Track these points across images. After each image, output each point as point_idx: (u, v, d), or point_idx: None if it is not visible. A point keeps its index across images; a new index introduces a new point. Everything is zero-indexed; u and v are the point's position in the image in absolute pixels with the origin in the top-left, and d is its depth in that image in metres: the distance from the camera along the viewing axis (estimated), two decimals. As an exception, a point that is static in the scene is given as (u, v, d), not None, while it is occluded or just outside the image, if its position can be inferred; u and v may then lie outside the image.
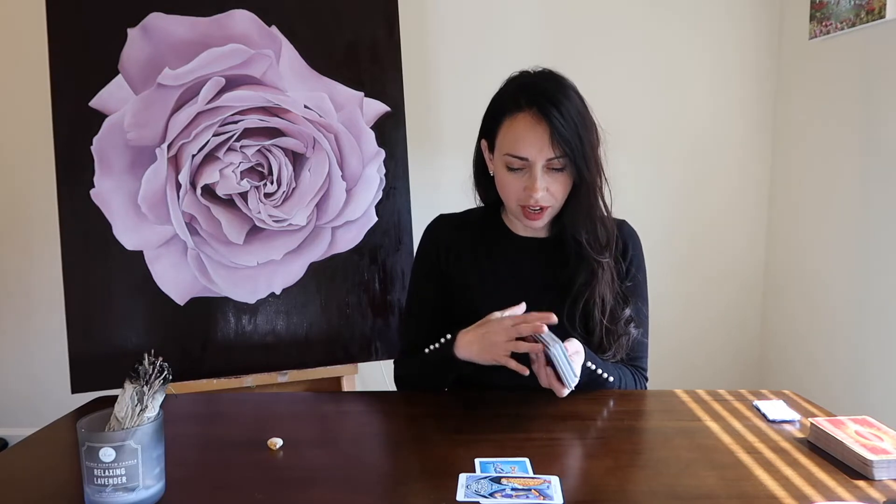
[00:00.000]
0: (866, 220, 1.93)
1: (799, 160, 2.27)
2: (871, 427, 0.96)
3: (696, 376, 2.45)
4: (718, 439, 1.00)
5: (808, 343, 2.22)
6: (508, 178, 1.19)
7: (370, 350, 1.82)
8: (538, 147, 1.14)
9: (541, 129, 1.13)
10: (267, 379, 1.76)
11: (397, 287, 1.82)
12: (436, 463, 0.93)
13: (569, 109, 1.14)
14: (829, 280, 2.10)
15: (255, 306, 1.76)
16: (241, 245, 1.75)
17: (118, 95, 1.67)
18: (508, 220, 1.31)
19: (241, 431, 1.08)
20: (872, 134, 1.90)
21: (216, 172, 1.72)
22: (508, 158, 1.17)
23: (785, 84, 2.34)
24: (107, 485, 0.78)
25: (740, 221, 2.45)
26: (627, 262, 1.29)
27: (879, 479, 0.86)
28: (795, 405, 1.13)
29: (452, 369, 1.19)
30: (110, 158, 1.67)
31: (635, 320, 1.26)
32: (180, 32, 1.70)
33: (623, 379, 1.24)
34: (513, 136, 1.16)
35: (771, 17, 2.35)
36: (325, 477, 0.91)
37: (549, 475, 0.87)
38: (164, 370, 0.84)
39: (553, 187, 1.17)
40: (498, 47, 2.34)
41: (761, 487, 0.85)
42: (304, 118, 1.76)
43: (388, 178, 1.82)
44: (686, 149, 2.41)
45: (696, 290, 2.47)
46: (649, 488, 0.86)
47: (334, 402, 1.31)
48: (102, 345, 1.67)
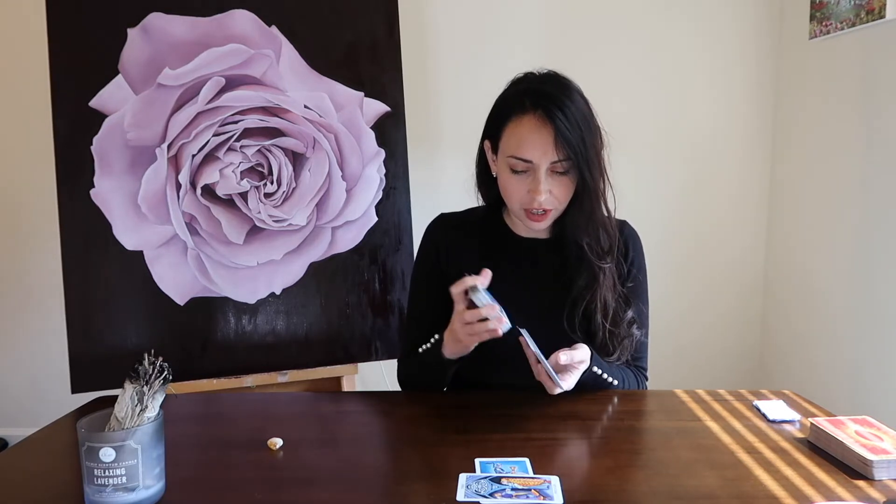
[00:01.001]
0: (866, 221, 1.93)
1: (799, 160, 2.27)
2: (871, 427, 0.96)
3: (696, 378, 2.45)
4: (718, 439, 1.00)
5: (808, 343, 2.22)
6: (512, 181, 1.18)
7: (370, 350, 1.82)
8: (542, 150, 1.13)
9: (545, 131, 1.13)
10: (267, 379, 1.76)
11: (397, 287, 1.82)
12: (436, 463, 0.93)
13: (574, 113, 1.13)
14: (830, 280, 2.10)
15: (255, 306, 1.76)
16: (241, 245, 1.74)
17: (118, 95, 1.67)
18: (510, 221, 1.31)
19: (241, 431, 1.08)
20: (872, 134, 1.90)
21: (216, 172, 1.72)
22: (512, 161, 1.16)
23: (785, 84, 2.34)
24: (107, 485, 0.78)
25: (740, 221, 2.45)
26: (629, 263, 1.29)
27: (879, 479, 0.86)
28: (795, 405, 1.13)
29: (445, 368, 1.20)
30: (110, 158, 1.67)
31: (637, 321, 1.26)
32: (180, 32, 1.70)
33: (626, 380, 1.24)
34: (517, 138, 1.16)
35: (771, 17, 2.35)
36: (325, 477, 0.91)
37: (549, 475, 0.87)
38: (164, 370, 0.84)
39: (556, 190, 1.17)
40: (498, 47, 2.34)
41: (761, 487, 0.85)
42: (304, 118, 1.76)
43: (388, 178, 1.82)
44: (686, 149, 2.41)
45: (697, 292, 2.47)
46: (649, 488, 0.86)
47: (334, 402, 1.31)
48: (102, 345, 1.66)
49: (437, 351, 1.19)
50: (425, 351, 1.23)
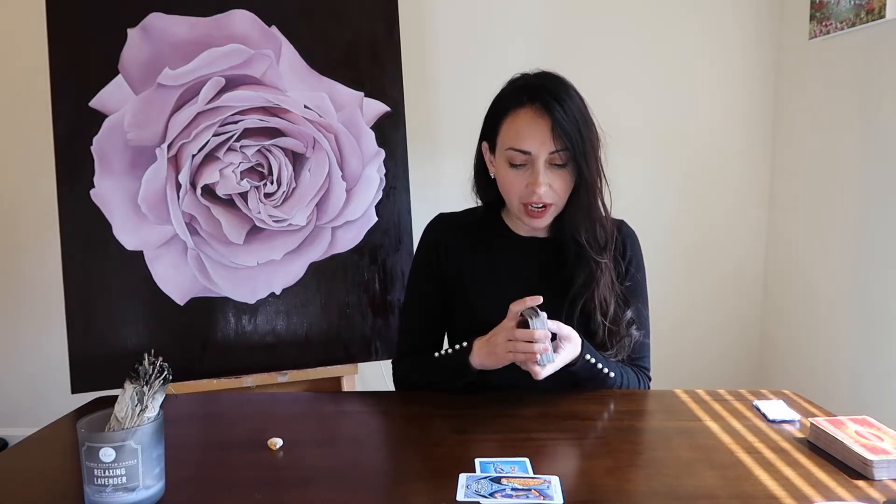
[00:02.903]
0: (866, 221, 1.93)
1: (799, 160, 2.27)
2: (871, 427, 0.96)
3: (696, 377, 2.44)
4: (718, 439, 1.00)
5: (808, 343, 2.22)
6: (510, 176, 1.19)
7: (370, 350, 1.82)
8: (540, 140, 1.14)
9: (543, 122, 1.14)
10: (267, 379, 1.76)
11: (397, 287, 1.82)
12: (436, 463, 0.93)
13: (570, 106, 1.15)
14: (829, 280, 2.10)
15: (255, 306, 1.76)
16: (241, 245, 1.74)
17: (118, 95, 1.67)
18: (509, 220, 1.31)
19: (241, 431, 1.08)
20: (872, 134, 1.90)
21: (216, 172, 1.72)
22: (511, 153, 1.17)
23: (785, 84, 2.34)
24: (107, 485, 0.78)
25: (740, 222, 2.45)
26: (626, 263, 1.29)
27: (879, 479, 0.86)
28: (795, 405, 1.13)
29: (464, 376, 1.19)
30: (110, 158, 1.67)
31: (636, 322, 1.26)
32: (180, 32, 1.70)
33: (625, 377, 1.23)
34: (515, 130, 1.17)
35: (771, 17, 2.35)
36: (325, 477, 0.91)
37: (549, 475, 0.87)
38: (164, 370, 0.84)
39: (555, 184, 1.17)
40: (498, 47, 2.34)
41: (761, 487, 0.85)
42: (304, 118, 1.76)
43: (388, 178, 1.82)
44: (686, 149, 2.41)
45: (697, 292, 2.47)
46: (649, 488, 0.86)
47: (334, 402, 1.31)
48: (102, 345, 1.66)
49: (463, 358, 1.18)
50: (447, 355, 1.22)
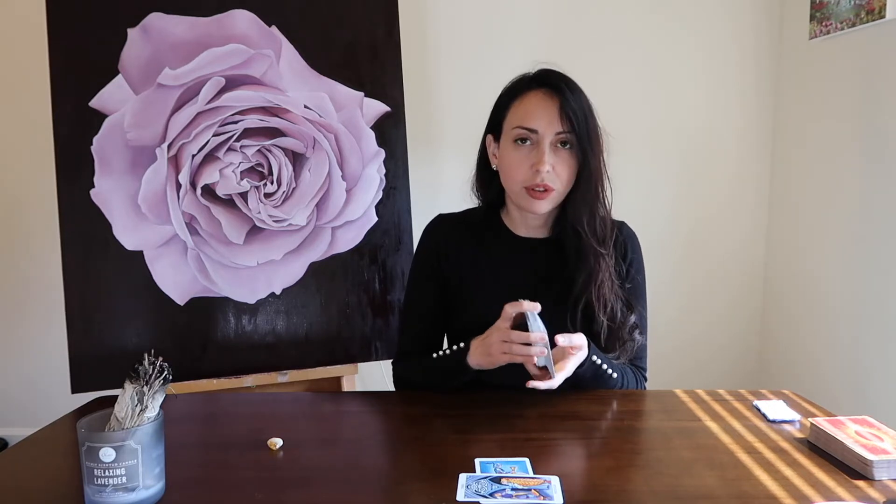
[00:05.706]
0: (866, 220, 1.93)
1: (799, 160, 2.27)
2: (871, 427, 0.96)
3: (695, 377, 2.45)
4: (718, 439, 1.00)
5: (808, 343, 2.22)
6: (515, 156, 1.20)
7: (370, 350, 1.82)
8: (548, 120, 1.17)
9: (551, 103, 1.17)
10: (267, 379, 1.76)
11: (397, 287, 1.82)
12: (436, 463, 0.93)
13: (578, 94, 1.19)
14: (829, 280, 2.10)
15: (255, 306, 1.76)
16: (241, 245, 1.74)
17: (118, 95, 1.67)
18: (508, 221, 1.31)
19: (241, 431, 1.08)
20: (872, 134, 1.90)
21: (216, 172, 1.72)
22: (518, 131, 1.19)
23: (785, 84, 2.34)
24: (107, 485, 0.78)
25: (740, 221, 2.45)
26: (627, 264, 1.29)
27: (879, 479, 0.86)
28: (795, 405, 1.13)
29: (461, 376, 1.19)
30: (110, 158, 1.67)
31: (639, 326, 1.26)
32: (180, 32, 1.70)
33: (625, 377, 1.24)
34: (523, 110, 1.20)
35: (771, 17, 2.35)
36: (325, 477, 0.91)
37: (549, 475, 0.87)
38: (164, 370, 0.84)
39: (559, 167, 1.18)
40: (498, 47, 2.34)
41: (761, 487, 0.85)
42: (304, 118, 1.76)
43: (388, 178, 1.82)
44: (686, 149, 2.41)
45: (696, 291, 2.47)
46: (649, 488, 0.86)
47: (334, 402, 1.31)
48: (102, 345, 1.66)
49: (461, 358, 1.18)
50: (445, 356, 1.22)
